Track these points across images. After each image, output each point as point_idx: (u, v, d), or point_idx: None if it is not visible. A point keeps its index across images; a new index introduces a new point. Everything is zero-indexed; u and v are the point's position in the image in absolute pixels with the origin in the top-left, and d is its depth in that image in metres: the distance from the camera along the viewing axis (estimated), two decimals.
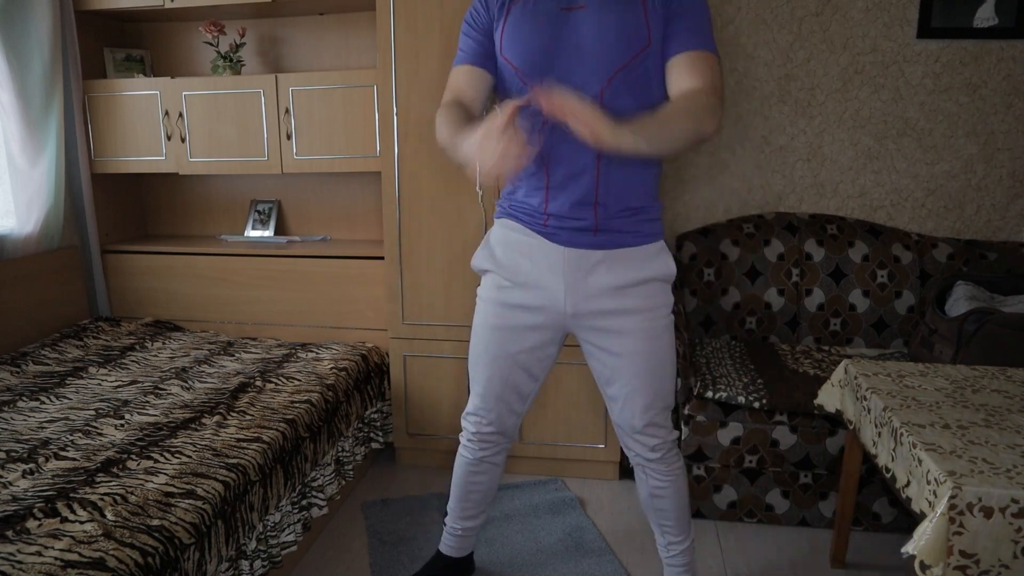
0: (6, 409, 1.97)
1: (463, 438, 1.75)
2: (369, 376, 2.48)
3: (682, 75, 1.37)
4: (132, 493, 1.50)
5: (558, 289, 1.51)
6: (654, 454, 1.60)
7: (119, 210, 2.98)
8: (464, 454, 1.76)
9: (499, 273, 1.57)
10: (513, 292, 1.55)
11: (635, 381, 1.53)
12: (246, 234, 2.94)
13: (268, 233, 2.92)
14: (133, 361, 2.40)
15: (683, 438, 2.16)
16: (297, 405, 2.04)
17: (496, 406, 1.66)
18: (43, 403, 2.03)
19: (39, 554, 1.29)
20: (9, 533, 1.35)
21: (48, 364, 2.35)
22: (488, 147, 1.18)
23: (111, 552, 1.30)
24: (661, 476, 1.64)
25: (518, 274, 1.54)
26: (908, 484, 1.38)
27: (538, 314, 1.55)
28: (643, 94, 1.40)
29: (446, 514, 1.93)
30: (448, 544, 1.88)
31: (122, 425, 1.87)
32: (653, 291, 1.51)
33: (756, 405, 2.07)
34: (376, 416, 2.52)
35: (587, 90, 1.38)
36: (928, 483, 1.27)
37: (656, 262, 1.51)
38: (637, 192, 1.47)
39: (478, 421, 1.69)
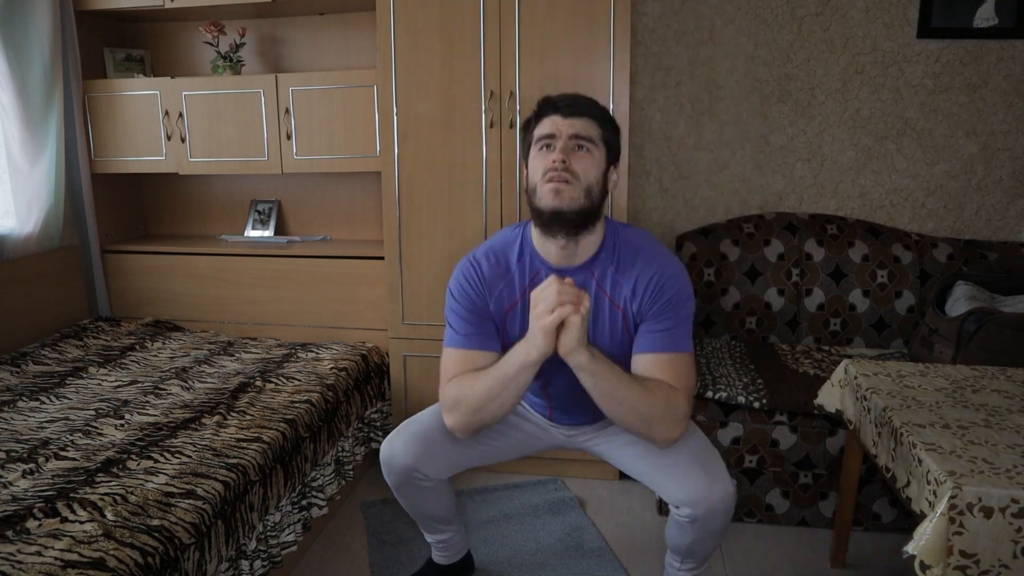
0: (6, 409, 1.97)
1: (388, 473, 1.65)
2: (369, 376, 2.48)
3: (652, 371, 1.47)
4: (132, 493, 1.50)
5: (548, 432, 1.75)
6: (722, 505, 1.47)
7: (119, 210, 2.98)
8: (387, 477, 1.66)
9: None
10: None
11: (660, 464, 1.56)
12: (246, 234, 2.94)
13: (268, 233, 2.92)
14: (133, 361, 2.40)
15: None
16: (297, 405, 2.04)
17: (442, 461, 1.65)
18: (43, 403, 2.03)
19: (39, 554, 1.29)
20: (9, 533, 1.35)
21: (48, 364, 2.35)
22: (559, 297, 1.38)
23: (111, 552, 1.30)
24: (710, 529, 1.50)
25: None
26: (908, 484, 1.38)
27: (527, 430, 1.76)
28: (626, 359, 1.52)
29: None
30: (436, 554, 1.88)
31: (122, 425, 1.87)
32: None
33: (756, 405, 2.07)
34: (376, 416, 2.52)
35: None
36: (928, 483, 1.27)
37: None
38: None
39: (411, 462, 1.61)
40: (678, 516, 1.50)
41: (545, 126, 1.46)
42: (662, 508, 2.26)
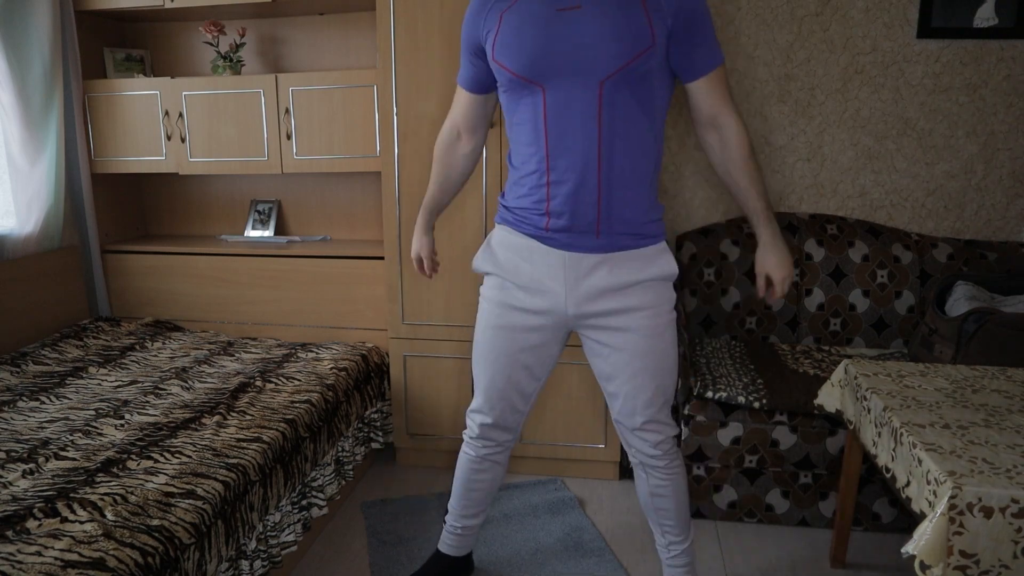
0: (6, 409, 1.97)
1: (466, 435, 1.76)
2: (369, 376, 2.48)
3: (709, 98, 1.46)
4: (132, 493, 1.50)
5: (559, 292, 1.51)
6: (656, 451, 1.60)
7: (119, 210, 2.98)
8: (467, 451, 1.77)
9: (500, 275, 1.58)
10: (514, 293, 1.56)
11: (636, 378, 1.53)
12: (246, 234, 2.94)
13: (268, 233, 2.92)
14: (133, 361, 2.40)
15: (683, 438, 2.16)
16: (297, 405, 2.04)
17: (499, 404, 1.66)
18: (43, 403, 2.03)
19: (39, 554, 1.29)
20: (9, 533, 1.35)
21: (48, 364, 2.35)
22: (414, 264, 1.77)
23: (111, 552, 1.30)
24: (662, 475, 1.64)
25: (519, 276, 1.55)
26: (908, 484, 1.38)
27: (539, 316, 1.56)
28: (644, 92, 1.40)
29: (447, 512, 1.93)
30: (448, 543, 1.88)
31: (122, 425, 1.87)
32: (654, 289, 1.52)
33: (756, 405, 2.07)
34: (376, 416, 2.52)
35: (586, 88, 1.37)
36: (928, 483, 1.27)
37: (657, 263, 1.51)
38: (641, 190, 1.46)
39: (482, 418, 1.70)
40: (647, 453, 1.61)
41: None
42: None
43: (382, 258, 2.57)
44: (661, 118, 1.46)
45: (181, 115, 2.66)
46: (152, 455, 1.69)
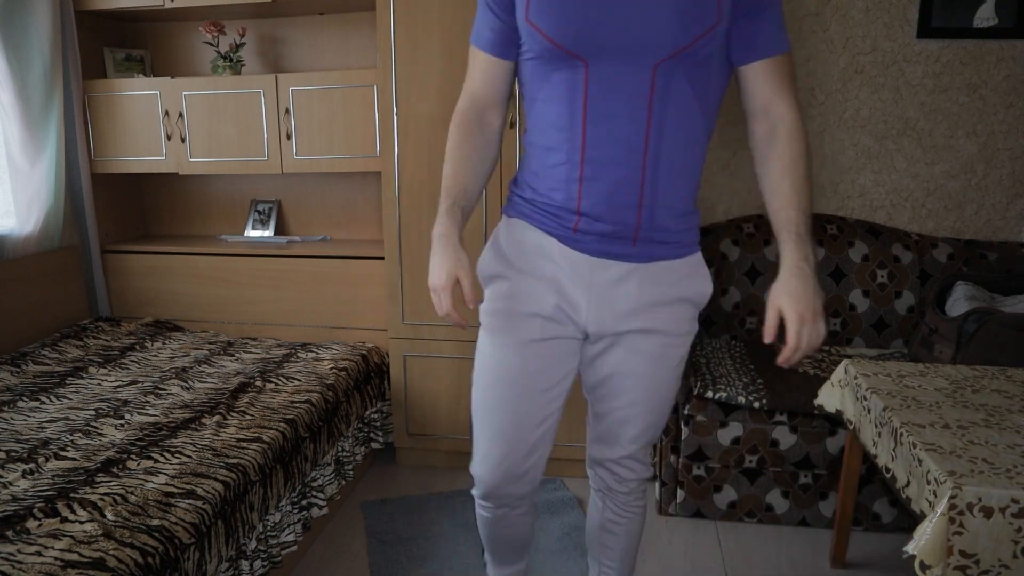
0: (6, 409, 1.97)
1: (474, 495, 1.45)
2: (369, 376, 2.48)
3: (768, 85, 1.21)
4: (132, 493, 1.50)
5: (579, 304, 1.26)
6: (622, 488, 1.44)
7: (119, 210, 2.98)
8: (484, 513, 1.46)
9: (511, 277, 1.29)
10: (528, 298, 1.27)
11: (633, 408, 1.34)
12: (246, 234, 2.94)
13: (268, 233, 2.92)
14: (133, 361, 2.40)
15: (683, 438, 2.16)
16: (297, 405, 2.04)
17: (507, 449, 1.33)
18: (43, 403, 2.03)
19: (39, 554, 1.29)
20: (9, 533, 1.35)
21: (48, 364, 2.35)
22: (434, 301, 1.23)
23: (111, 552, 1.30)
24: (619, 510, 1.47)
25: (536, 274, 1.27)
26: (908, 484, 1.38)
27: (559, 325, 1.28)
28: (701, 80, 1.16)
29: (483, 552, 1.64)
30: None
31: (122, 425, 1.87)
32: (682, 315, 1.29)
33: (756, 405, 2.07)
34: (376, 416, 2.52)
35: (637, 69, 1.12)
36: (928, 483, 1.27)
37: (694, 280, 1.28)
38: (686, 194, 1.24)
39: (485, 488, 1.39)
40: (611, 486, 1.44)
41: None
42: (662, 508, 2.26)
43: (382, 258, 2.57)
44: (715, 114, 1.23)
45: (181, 115, 2.66)
46: (152, 455, 1.69)
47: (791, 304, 1.11)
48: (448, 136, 1.32)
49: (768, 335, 1.11)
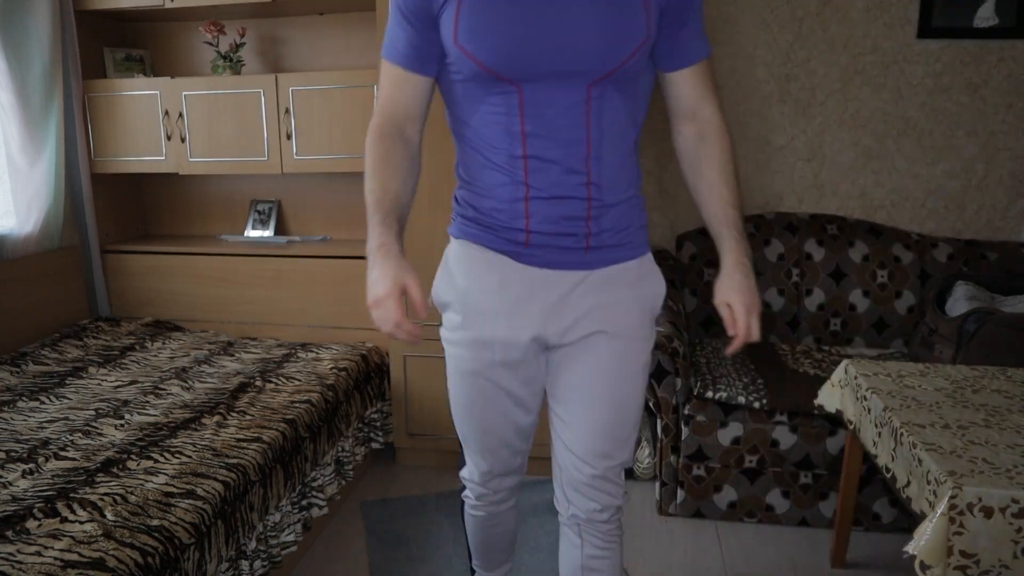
0: (6, 409, 1.97)
1: (466, 498, 1.51)
2: (369, 376, 2.48)
3: (696, 89, 1.25)
4: (132, 493, 1.50)
5: (534, 316, 1.25)
6: (602, 516, 1.33)
7: (119, 210, 2.98)
8: (473, 513, 1.51)
9: (463, 308, 1.28)
10: (485, 325, 1.26)
11: (599, 413, 1.28)
12: (246, 234, 2.94)
13: (268, 233, 2.92)
14: (133, 361, 2.40)
15: (683, 438, 2.16)
16: (297, 405, 2.04)
17: (495, 459, 1.40)
18: (43, 403, 2.03)
19: (39, 554, 1.29)
20: (9, 533, 1.36)
21: (48, 364, 2.35)
22: (378, 317, 1.20)
23: (111, 552, 1.30)
24: (603, 543, 1.36)
25: (487, 299, 1.26)
26: (908, 484, 1.38)
27: (518, 349, 1.27)
28: (631, 94, 1.19)
29: (473, 572, 1.68)
30: None
31: (122, 425, 1.87)
32: (638, 318, 1.28)
33: (756, 405, 2.07)
34: (376, 416, 2.52)
35: (571, 93, 1.14)
36: (928, 483, 1.27)
37: (648, 280, 1.29)
38: (631, 199, 1.26)
39: (480, 489, 1.46)
40: (586, 516, 1.34)
41: None
42: (662, 508, 2.26)
43: None
44: (644, 114, 1.26)
45: (181, 115, 2.66)
46: (152, 455, 1.69)
47: (739, 297, 1.18)
48: (367, 151, 1.30)
49: (730, 327, 1.19)
